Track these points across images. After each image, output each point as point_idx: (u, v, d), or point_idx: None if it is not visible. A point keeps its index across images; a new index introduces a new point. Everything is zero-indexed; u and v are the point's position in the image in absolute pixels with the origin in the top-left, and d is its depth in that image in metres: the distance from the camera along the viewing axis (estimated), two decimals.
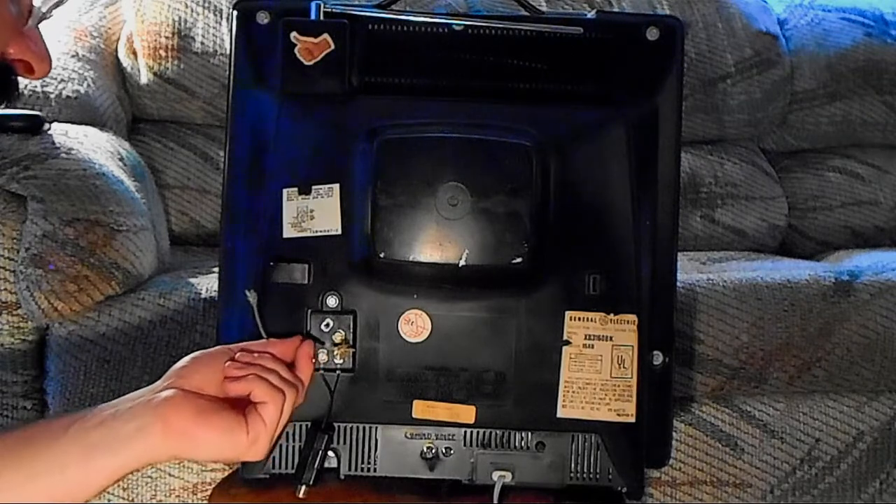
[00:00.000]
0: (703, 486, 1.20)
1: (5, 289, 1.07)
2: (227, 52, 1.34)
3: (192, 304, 1.10)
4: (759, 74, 1.84)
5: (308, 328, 0.81)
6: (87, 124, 1.36)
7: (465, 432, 0.83)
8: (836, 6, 1.97)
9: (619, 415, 0.82)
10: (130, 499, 1.10)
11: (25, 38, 0.62)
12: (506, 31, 0.86)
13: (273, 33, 0.84)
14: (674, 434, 0.94)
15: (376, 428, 0.82)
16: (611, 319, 0.82)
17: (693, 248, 1.76)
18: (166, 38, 1.58)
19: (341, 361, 0.81)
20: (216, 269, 0.88)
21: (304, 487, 0.79)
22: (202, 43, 1.59)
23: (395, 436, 0.82)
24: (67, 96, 1.41)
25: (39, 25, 0.64)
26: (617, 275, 0.82)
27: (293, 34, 0.83)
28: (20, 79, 0.64)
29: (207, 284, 1.13)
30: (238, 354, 0.73)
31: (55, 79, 1.41)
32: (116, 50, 1.62)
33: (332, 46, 0.83)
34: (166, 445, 0.65)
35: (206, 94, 1.60)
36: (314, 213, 0.81)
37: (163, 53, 1.58)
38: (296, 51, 0.83)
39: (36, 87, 1.38)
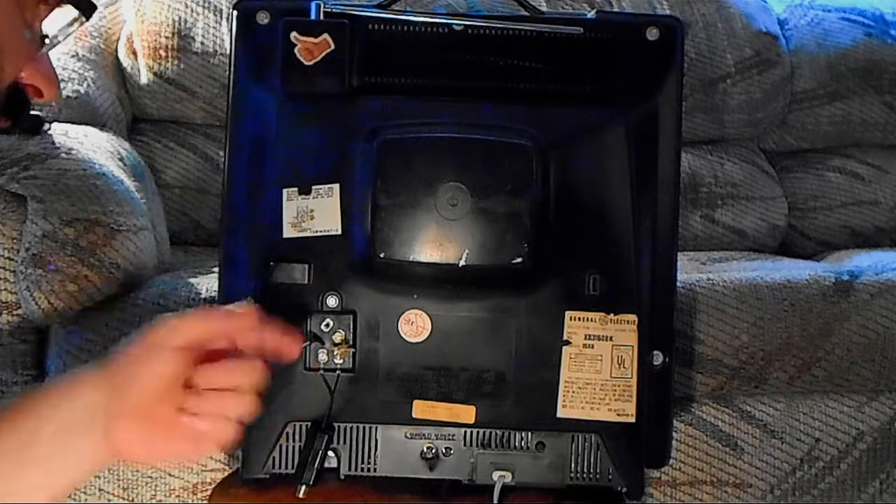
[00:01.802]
0: (703, 486, 1.20)
1: (5, 289, 1.07)
2: (227, 52, 1.34)
3: (192, 304, 1.10)
4: (759, 74, 1.84)
5: (308, 328, 0.81)
6: (87, 124, 1.36)
7: (465, 432, 0.83)
8: (836, 6, 1.97)
9: (619, 415, 0.82)
10: (130, 499, 1.10)
11: (36, 63, 0.62)
12: (506, 31, 0.86)
13: (273, 33, 0.84)
14: (674, 434, 0.94)
15: (376, 428, 0.82)
16: (611, 319, 0.82)
17: (693, 248, 1.76)
18: (166, 38, 1.58)
19: (341, 361, 0.81)
20: (216, 269, 0.88)
21: (304, 487, 0.79)
22: (202, 43, 1.59)
23: (395, 436, 0.82)
24: (67, 96, 1.41)
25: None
26: (617, 275, 0.82)
27: (293, 34, 0.83)
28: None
29: (207, 284, 1.13)
30: (203, 376, 0.67)
31: None
32: (116, 50, 1.62)
33: (332, 46, 0.83)
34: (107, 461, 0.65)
35: (206, 94, 1.60)
36: (314, 213, 0.81)
37: (163, 53, 1.58)
38: (296, 51, 0.83)
39: None
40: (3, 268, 1.07)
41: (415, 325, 0.81)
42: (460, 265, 0.79)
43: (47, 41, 0.63)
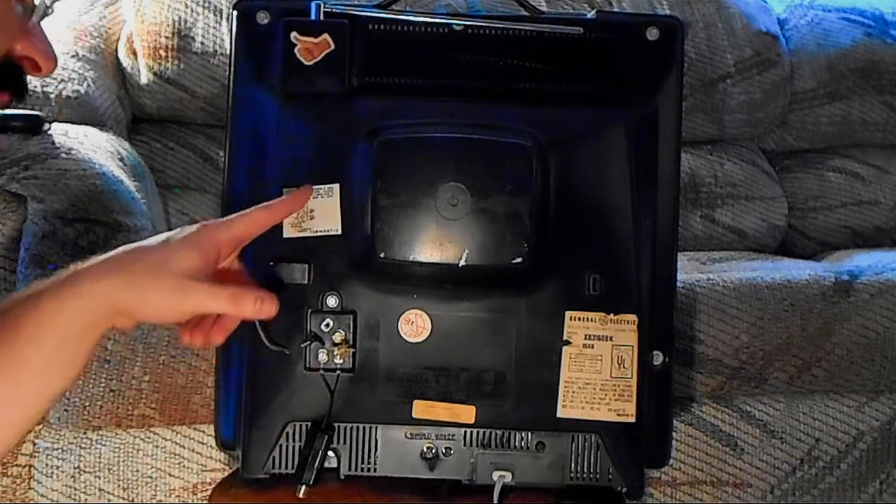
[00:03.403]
0: (703, 486, 1.20)
1: (5, 289, 1.07)
2: (227, 52, 1.34)
3: None
4: (759, 74, 1.84)
5: (308, 328, 0.81)
6: (87, 124, 1.36)
7: (465, 432, 0.83)
8: (836, 6, 1.97)
9: (619, 415, 0.82)
10: (130, 499, 1.10)
11: (30, 36, 0.62)
12: (506, 31, 0.86)
13: (273, 33, 0.84)
14: (674, 434, 0.94)
15: (376, 428, 0.82)
16: (611, 319, 0.82)
17: (693, 248, 1.76)
18: (166, 38, 1.58)
19: (341, 361, 0.81)
20: None
21: (304, 487, 0.79)
22: (202, 43, 1.59)
23: (395, 436, 0.82)
24: (67, 96, 1.41)
25: (42, 23, 0.64)
26: (617, 275, 0.82)
27: (293, 34, 0.83)
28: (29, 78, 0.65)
29: None
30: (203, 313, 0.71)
31: (55, 79, 1.41)
32: (116, 50, 1.62)
33: (332, 46, 0.83)
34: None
35: (206, 94, 1.60)
36: (314, 213, 0.81)
37: (163, 53, 1.58)
38: (296, 51, 0.83)
39: (36, 87, 1.38)
40: (3, 268, 1.07)
41: (415, 325, 0.81)
42: (460, 265, 0.79)
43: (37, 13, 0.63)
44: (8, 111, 1.13)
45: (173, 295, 0.65)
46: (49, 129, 1.15)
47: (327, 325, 0.81)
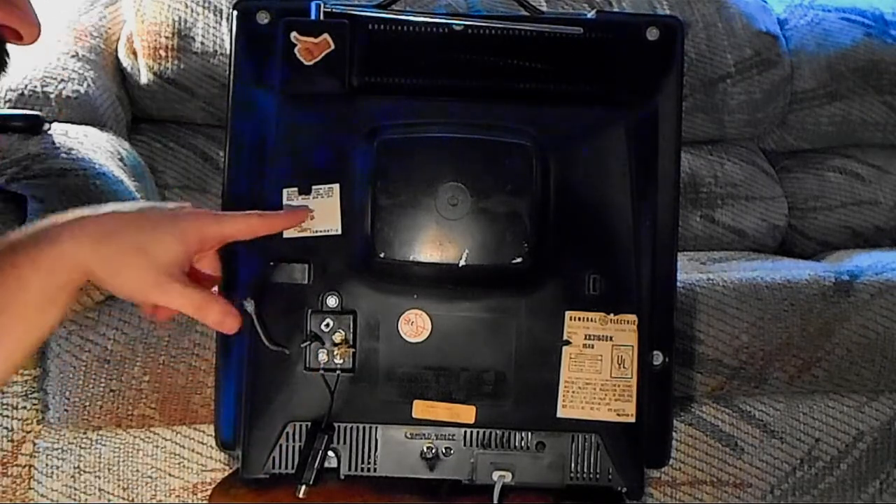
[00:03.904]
0: (703, 486, 1.20)
1: None
2: (227, 52, 1.34)
3: None
4: (759, 74, 1.84)
5: (308, 328, 0.81)
6: (87, 124, 1.36)
7: (465, 432, 0.83)
8: (836, 6, 1.97)
9: (619, 415, 0.82)
10: (130, 499, 1.10)
11: (8, 4, 0.61)
12: (506, 31, 0.86)
13: (273, 33, 0.84)
14: (674, 434, 0.94)
15: (376, 428, 0.82)
16: (611, 319, 0.82)
17: (693, 248, 1.76)
18: (166, 38, 1.58)
19: (341, 361, 0.81)
20: None
21: (304, 487, 0.79)
22: (202, 43, 1.59)
23: (395, 436, 0.82)
24: (67, 96, 1.41)
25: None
26: (617, 275, 0.82)
27: (293, 34, 0.83)
28: (10, 52, 0.64)
29: None
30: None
31: (55, 79, 1.41)
32: (116, 50, 1.62)
33: (332, 46, 0.83)
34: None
35: (206, 94, 1.60)
36: (314, 213, 0.81)
37: (163, 53, 1.58)
38: (296, 51, 0.83)
39: (36, 87, 1.38)
40: None
41: (415, 325, 0.81)
42: (460, 265, 0.79)
43: None
44: (8, 111, 1.14)
45: (148, 288, 0.68)
46: (49, 129, 1.15)
47: (327, 325, 0.81)
